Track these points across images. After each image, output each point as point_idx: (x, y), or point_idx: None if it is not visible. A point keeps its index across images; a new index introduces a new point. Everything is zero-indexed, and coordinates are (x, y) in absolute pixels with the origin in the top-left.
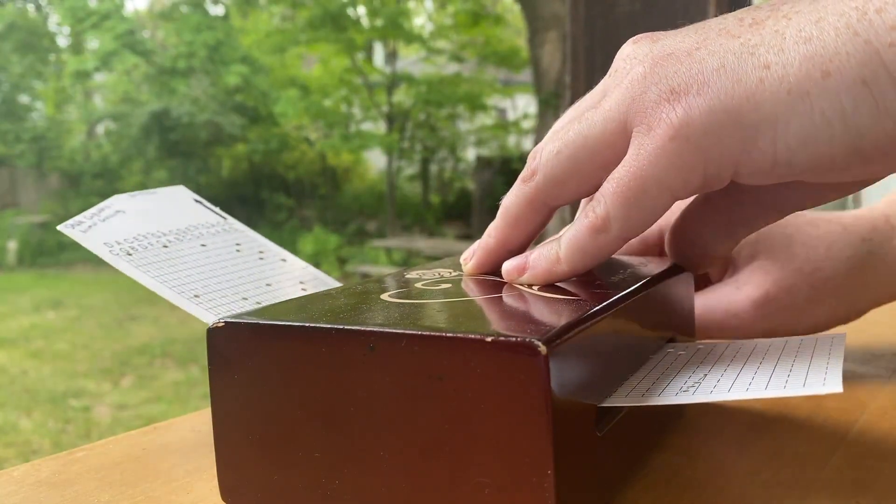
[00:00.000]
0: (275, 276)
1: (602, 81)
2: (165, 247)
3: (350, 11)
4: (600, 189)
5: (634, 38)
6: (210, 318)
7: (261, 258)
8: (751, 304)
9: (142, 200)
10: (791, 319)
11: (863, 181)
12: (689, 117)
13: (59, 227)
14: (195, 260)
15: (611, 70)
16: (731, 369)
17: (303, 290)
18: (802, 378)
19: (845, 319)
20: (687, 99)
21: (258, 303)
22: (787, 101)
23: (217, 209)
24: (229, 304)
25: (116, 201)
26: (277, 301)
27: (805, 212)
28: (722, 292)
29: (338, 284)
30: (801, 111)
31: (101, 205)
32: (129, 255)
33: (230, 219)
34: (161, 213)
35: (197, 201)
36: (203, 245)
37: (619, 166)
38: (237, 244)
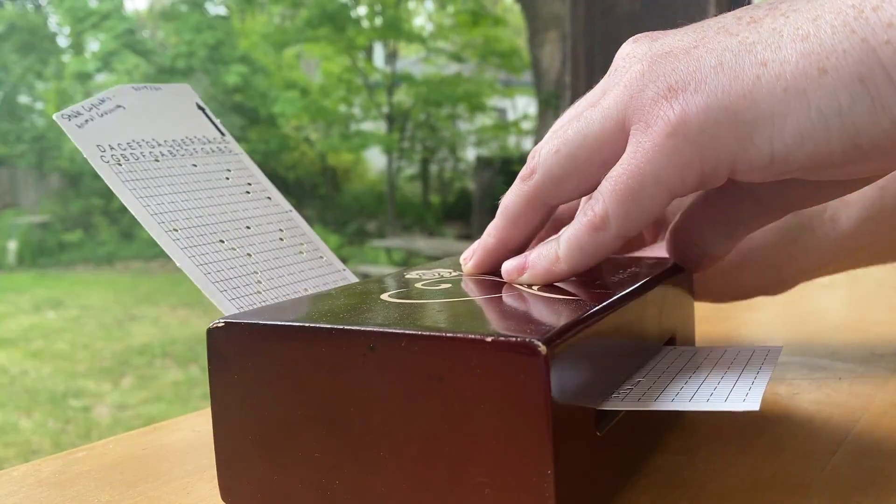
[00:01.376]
0: (256, 217)
1: (602, 80)
2: (157, 160)
3: (353, 12)
4: (599, 187)
5: (634, 37)
6: (183, 258)
7: (247, 192)
8: None
9: (144, 96)
10: (716, 284)
11: (862, 179)
12: (687, 114)
13: (54, 116)
14: (183, 183)
15: (610, 69)
16: (669, 378)
17: (280, 239)
18: (727, 392)
19: (773, 289)
20: (684, 96)
21: (232, 248)
22: (783, 98)
23: (218, 122)
24: (205, 245)
25: (119, 93)
26: (252, 247)
27: None
28: (651, 254)
29: (315, 236)
30: (797, 108)
31: (103, 94)
32: (120, 164)
33: (228, 136)
34: (160, 117)
35: (200, 108)
36: (194, 165)
37: (618, 164)
38: (228, 170)
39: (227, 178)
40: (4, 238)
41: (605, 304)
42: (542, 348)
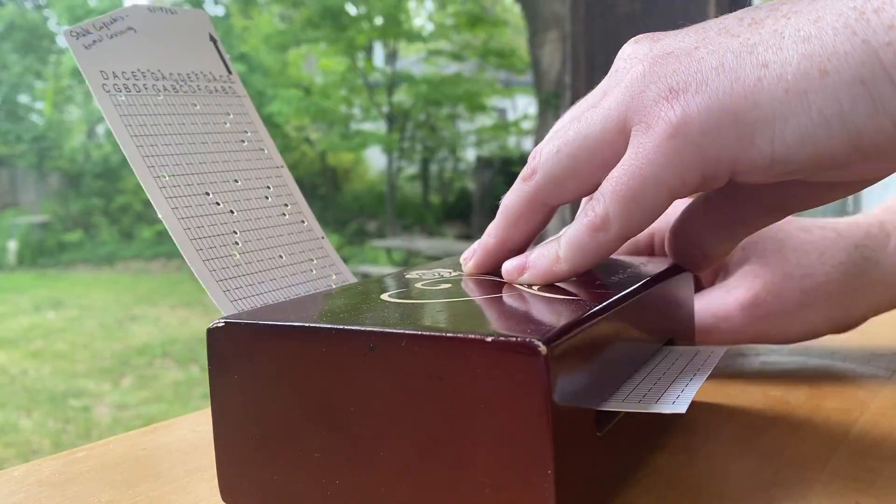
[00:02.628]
0: (246, 170)
1: (603, 81)
2: (159, 94)
3: (350, 10)
4: (599, 188)
5: (635, 38)
6: (167, 208)
7: (242, 141)
8: (739, 308)
9: (158, 20)
10: (782, 324)
11: (864, 181)
12: (688, 115)
13: (62, 32)
14: (180, 125)
15: (611, 70)
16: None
17: (266, 197)
18: (659, 394)
19: (843, 327)
20: (685, 97)
21: (216, 203)
22: (784, 99)
23: (227, 58)
24: (190, 196)
25: (133, 14)
26: (237, 203)
27: (798, 217)
28: (712, 296)
29: (300, 196)
30: (798, 110)
31: (116, 13)
32: (120, 95)
33: (235, 76)
34: (170, 46)
35: (212, 39)
36: (195, 105)
37: (618, 165)
38: (228, 114)
39: (226, 124)
40: (4, 238)
41: (605, 304)
42: (542, 348)
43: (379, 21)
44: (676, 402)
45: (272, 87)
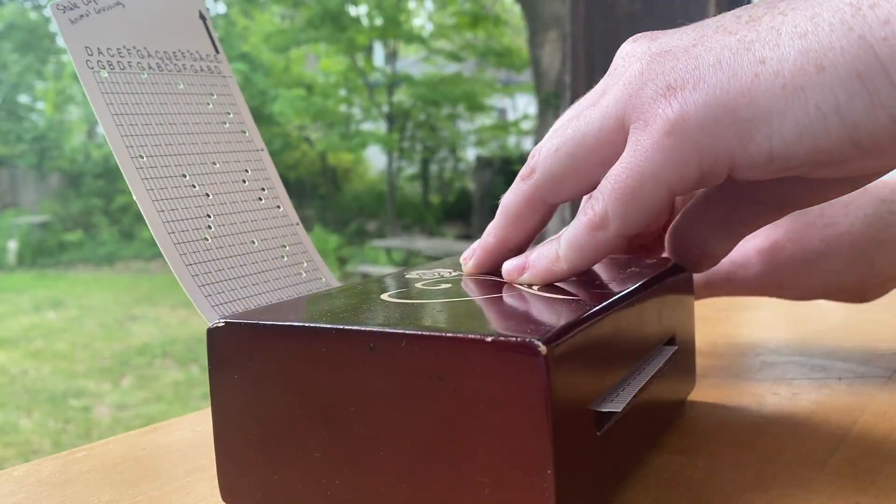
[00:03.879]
0: (226, 153)
1: (602, 80)
2: (143, 72)
3: (350, 10)
4: (598, 186)
5: (633, 37)
6: (142, 190)
7: (224, 123)
8: (757, 254)
9: None
10: (800, 273)
11: (863, 177)
12: (685, 112)
13: (49, 6)
14: (162, 104)
15: (610, 69)
16: None
17: (243, 181)
18: None
19: (861, 281)
20: (683, 94)
21: (192, 185)
22: (781, 95)
23: (215, 37)
24: (166, 178)
25: None
26: (213, 186)
27: None
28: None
29: (278, 181)
30: (795, 105)
31: None
32: (104, 72)
33: (222, 55)
34: (158, 22)
35: (201, 16)
36: (179, 85)
37: (617, 163)
38: (211, 94)
39: (209, 105)
40: (4, 238)
41: (605, 304)
42: (542, 348)
43: (379, 21)
44: (615, 401)
45: (273, 87)
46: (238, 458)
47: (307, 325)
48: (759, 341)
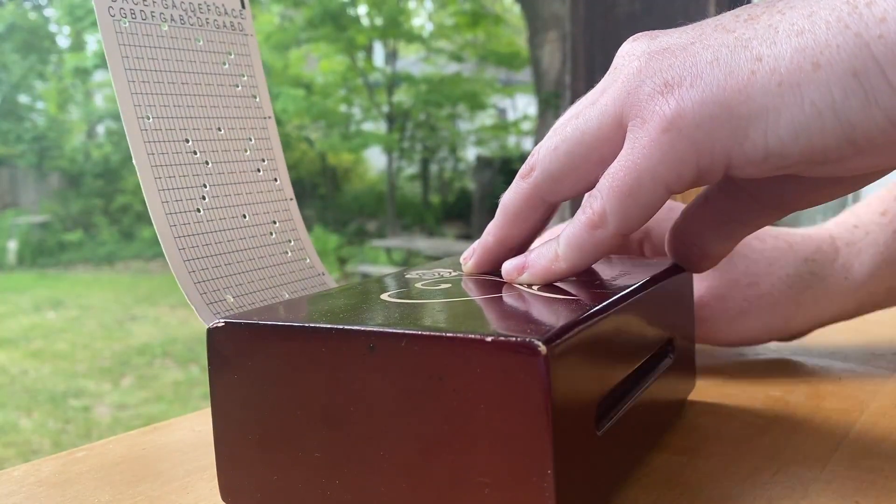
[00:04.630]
0: (233, 118)
1: (602, 79)
2: (164, 25)
3: (350, 10)
4: (597, 185)
5: (633, 36)
6: (143, 154)
7: (236, 85)
8: None
9: None
10: (722, 328)
11: (860, 178)
12: (682, 109)
13: None
14: (178, 61)
15: (610, 68)
16: None
17: (245, 150)
18: None
19: (782, 336)
20: (680, 91)
21: (194, 152)
22: (778, 93)
23: None
24: (168, 142)
25: None
26: (214, 154)
27: None
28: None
29: (279, 151)
30: (791, 103)
31: None
32: (125, 21)
33: (247, 11)
34: None
35: None
36: (198, 41)
37: (615, 161)
38: (229, 54)
39: (225, 65)
40: (4, 238)
41: (605, 304)
42: (542, 348)
43: (379, 21)
44: None
45: (275, 86)
46: (238, 458)
47: (307, 325)
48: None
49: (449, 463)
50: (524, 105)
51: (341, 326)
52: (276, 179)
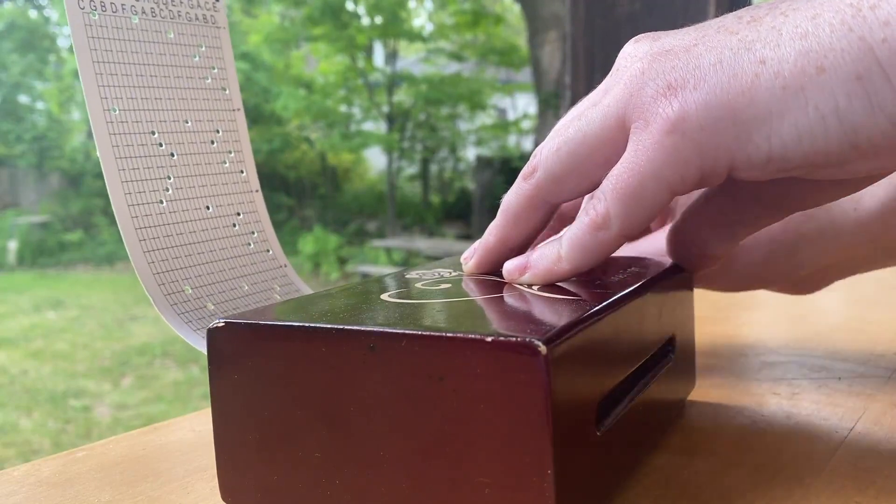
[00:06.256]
0: (201, 111)
1: (604, 80)
2: (135, 17)
3: (350, 7)
4: (600, 186)
5: (636, 37)
6: (107, 146)
7: (206, 78)
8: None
9: None
10: (722, 266)
11: (864, 178)
12: (685, 111)
13: None
14: (147, 53)
15: (613, 69)
16: None
17: (211, 142)
18: None
19: (785, 274)
20: (683, 93)
21: (159, 144)
22: (781, 96)
23: None
24: (134, 133)
25: None
26: (180, 146)
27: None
28: (656, 238)
29: (247, 143)
30: (795, 106)
31: None
32: (94, 13)
33: (221, 4)
34: None
35: None
36: (168, 33)
37: (618, 163)
38: (200, 47)
39: (196, 58)
40: (4, 238)
41: (605, 304)
42: (543, 348)
43: (379, 20)
44: None
45: (276, 86)
46: (238, 458)
47: (307, 325)
48: (759, 341)
49: (449, 463)
50: (524, 105)
51: (341, 326)
52: (242, 171)
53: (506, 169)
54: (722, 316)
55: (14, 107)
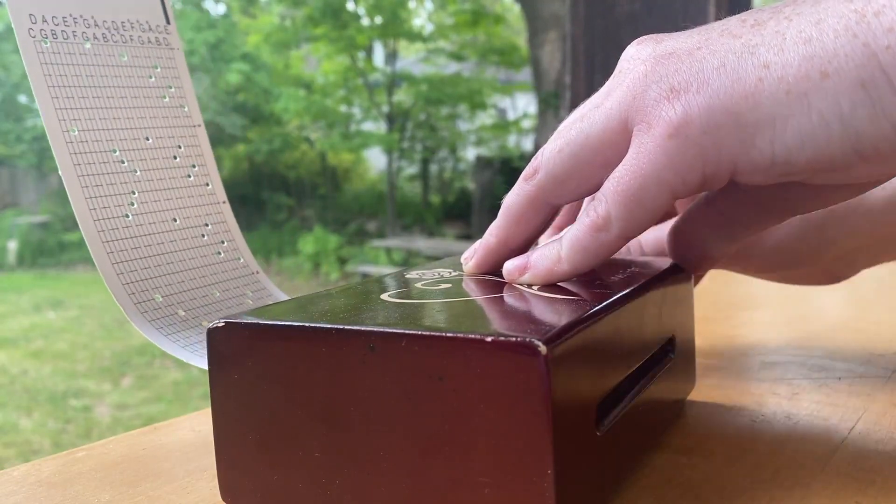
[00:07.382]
0: (161, 128)
1: (607, 82)
2: (87, 43)
3: (350, 7)
4: (601, 188)
5: (639, 39)
6: (69, 165)
7: (163, 97)
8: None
9: None
10: (754, 244)
11: (867, 183)
12: (689, 115)
13: None
14: (103, 76)
15: (615, 71)
16: None
17: (174, 157)
18: None
19: (817, 252)
20: (686, 97)
21: (121, 161)
22: (785, 101)
23: (168, 6)
24: (95, 152)
25: None
26: (142, 162)
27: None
28: (654, 232)
29: (210, 157)
30: (799, 112)
31: None
32: (46, 42)
33: (172, 26)
34: None
35: None
36: (122, 56)
37: (620, 165)
38: (155, 67)
39: (151, 78)
40: (4, 238)
41: (605, 304)
42: (543, 348)
43: (379, 20)
44: None
45: (276, 86)
46: (238, 458)
47: (307, 325)
48: (759, 341)
49: (449, 463)
50: (524, 105)
51: (341, 326)
52: (207, 184)
53: (506, 169)
54: (722, 316)
55: (14, 107)
